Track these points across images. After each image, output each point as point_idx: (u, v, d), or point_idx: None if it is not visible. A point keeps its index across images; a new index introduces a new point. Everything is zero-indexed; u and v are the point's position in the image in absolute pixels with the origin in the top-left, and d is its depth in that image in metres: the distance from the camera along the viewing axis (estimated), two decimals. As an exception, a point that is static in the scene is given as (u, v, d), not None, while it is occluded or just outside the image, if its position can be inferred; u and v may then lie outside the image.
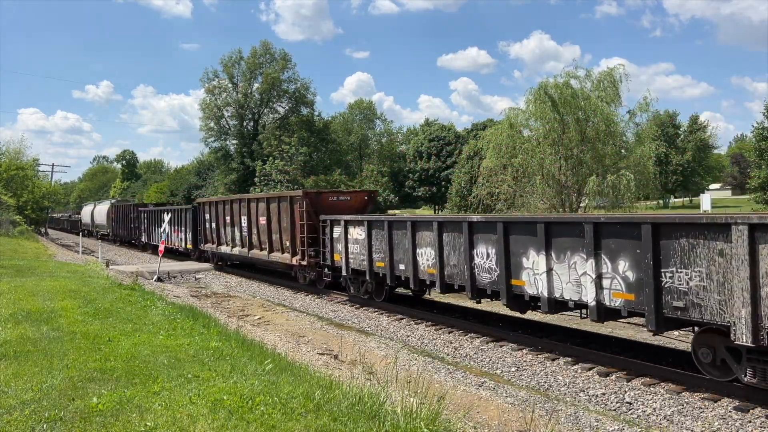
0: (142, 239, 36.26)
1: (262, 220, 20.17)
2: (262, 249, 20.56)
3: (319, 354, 10.71)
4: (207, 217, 25.74)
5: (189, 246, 28.52)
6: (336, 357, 10.45)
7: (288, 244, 18.46)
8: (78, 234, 55.59)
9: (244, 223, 21.65)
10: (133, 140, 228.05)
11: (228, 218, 23.25)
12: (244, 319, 13.94)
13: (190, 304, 14.74)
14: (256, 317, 14.66)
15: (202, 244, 26.54)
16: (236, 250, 22.72)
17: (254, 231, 20.93)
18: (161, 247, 23.54)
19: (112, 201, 52.33)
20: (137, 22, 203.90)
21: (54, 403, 5.62)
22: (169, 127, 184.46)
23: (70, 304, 11.54)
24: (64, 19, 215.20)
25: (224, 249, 23.96)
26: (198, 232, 27.01)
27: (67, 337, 8.56)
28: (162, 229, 26.71)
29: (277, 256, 19.37)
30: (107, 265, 23.72)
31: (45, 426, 5.06)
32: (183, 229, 29.12)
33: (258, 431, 4.98)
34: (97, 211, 52.08)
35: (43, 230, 59.93)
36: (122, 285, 15.84)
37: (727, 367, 7.81)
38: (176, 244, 30.23)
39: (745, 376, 7.51)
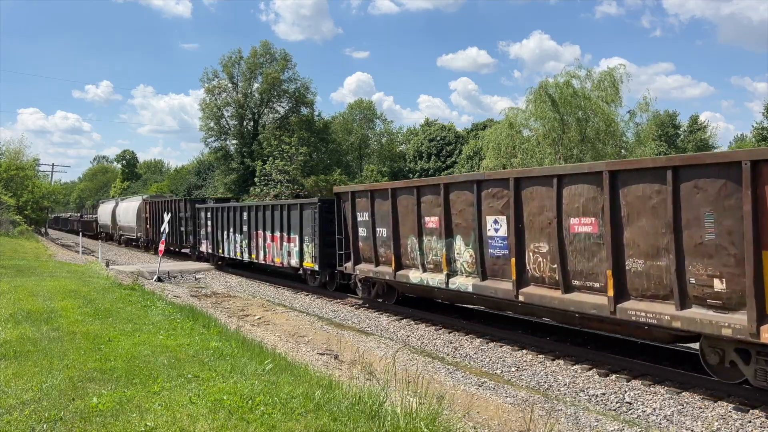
0: (203, 248, 26.75)
1: (587, 225, 9.33)
2: (571, 286, 9.66)
3: (319, 354, 10.71)
4: (362, 216, 15.09)
5: (310, 264, 17.59)
6: (336, 357, 10.45)
7: (723, 285, 7.62)
8: (99, 238, 47.23)
9: (496, 229, 11.03)
10: (133, 140, 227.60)
11: (432, 219, 12.65)
12: (244, 319, 13.95)
13: (190, 304, 14.74)
14: (256, 317, 14.66)
15: (346, 264, 15.93)
16: (461, 282, 11.90)
17: (542, 246, 10.11)
18: (161, 247, 23.51)
19: (144, 197, 40.92)
20: (137, 22, 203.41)
21: (54, 403, 5.62)
22: (169, 127, 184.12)
23: (70, 304, 11.54)
24: (64, 19, 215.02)
25: (416, 276, 13.20)
26: (335, 244, 16.26)
27: (67, 337, 8.56)
28: (162, 229, 25.11)
29: (650, 309, 8.41)
30: (107, 265, 23.73)
31: (45, 426, 5.06)
32: (296, 236, 18.39)
33: (258, 431, 4.98)
34: (122, 210, 41.97)
35: (43, 230, 59.95)
36: (122, 285, 15.84)
37: None
38: (276, 260, 19.92)
39: None
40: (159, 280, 21.20)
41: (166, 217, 24.70)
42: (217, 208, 25.11)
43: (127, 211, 40.51)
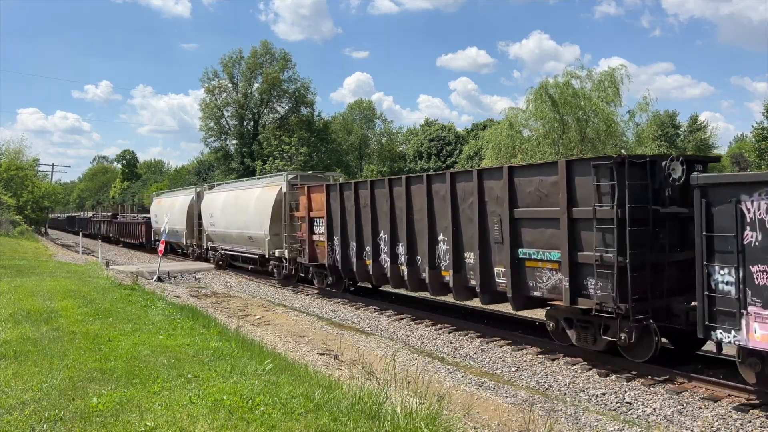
0: None
1: None
2: None
3: (319, 354, 10.70)
4: None
5: None
6: (336, 357, 10.45)
7: None
8: (151, 252, 32.98)
9: None
10: (133, 140, 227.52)
11: None
12: (244, 319, 13.93)
13: (190, 304, 14.74)
14: (256, 317, 14.65)
15: None
16: None
17: None
18: (161, 247, 23.48)
19: (291, 176, 20.16)
20: (137, 22, 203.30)
21: (54, 403, 5.61)
22: (169, 127, 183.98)
23: (70, 304, 11.53)
24: (64, 19, 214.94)
25: None
26: None
27: (67, 337, 8.56)
28: (162, 229, 24.78)
29: None
30: (107, 265, 23.72)
31: (45, 426, 5.06)
32: None
33: (258, 431, 4.98)
34: (224, 205, 23.63)
35: (43, 230, 59.97)
36: (122, 285, 15.84)
37: None
38: None
39: None
40: (159, 280, 21.19)
41: (166, 218, 24.54)
42: None
43: (244, 205, 21.90)
